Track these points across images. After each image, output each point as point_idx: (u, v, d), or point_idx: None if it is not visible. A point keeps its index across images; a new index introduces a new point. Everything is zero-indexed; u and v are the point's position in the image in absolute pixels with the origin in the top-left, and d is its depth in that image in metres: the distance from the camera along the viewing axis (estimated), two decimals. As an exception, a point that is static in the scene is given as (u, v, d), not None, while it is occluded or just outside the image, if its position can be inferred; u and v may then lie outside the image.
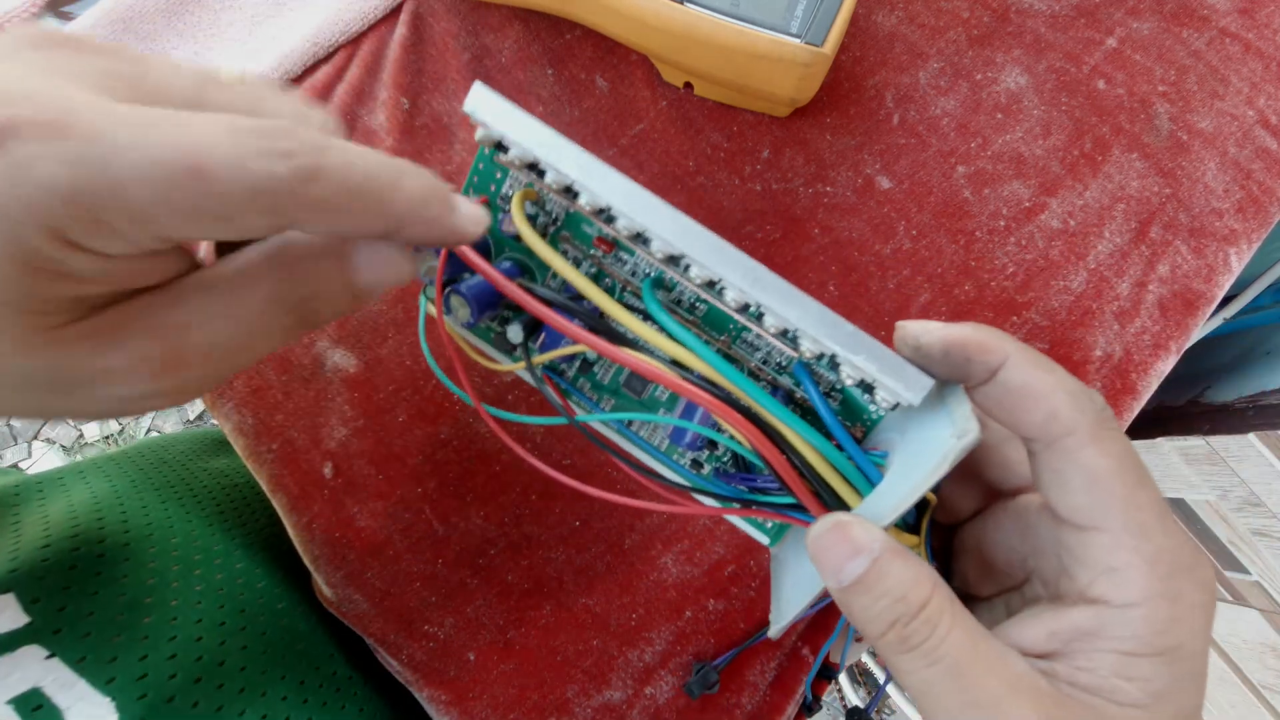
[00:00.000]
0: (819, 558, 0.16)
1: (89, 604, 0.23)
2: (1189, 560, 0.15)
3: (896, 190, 0.30)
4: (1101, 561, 0.15)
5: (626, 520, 0.27)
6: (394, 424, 0.27)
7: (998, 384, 0.16)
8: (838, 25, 0.26)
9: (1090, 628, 0.15)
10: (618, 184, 0.18)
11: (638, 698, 0.26)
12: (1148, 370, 0.29)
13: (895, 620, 0.15)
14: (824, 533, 0.16)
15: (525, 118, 0.18)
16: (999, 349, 0.16)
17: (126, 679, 0.22)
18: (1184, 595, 0.15)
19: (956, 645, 0.14)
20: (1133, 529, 0.15)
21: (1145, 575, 0.15)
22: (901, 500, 0.16)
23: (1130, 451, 0.15)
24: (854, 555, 0.15)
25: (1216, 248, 0.30)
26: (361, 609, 0.26)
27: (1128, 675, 0.14)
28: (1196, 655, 0.15)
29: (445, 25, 0.29)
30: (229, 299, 0.16)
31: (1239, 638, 0.62)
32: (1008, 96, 0.31)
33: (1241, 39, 0.32)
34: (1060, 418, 0.15)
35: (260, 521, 0.33)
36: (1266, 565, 0.55)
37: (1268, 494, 0.52)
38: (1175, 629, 0.15)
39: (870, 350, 0.17)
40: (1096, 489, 0.15)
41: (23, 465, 1.16)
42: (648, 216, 0.18)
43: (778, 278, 0.17)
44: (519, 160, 0.19)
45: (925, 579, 0.15)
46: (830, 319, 0.17)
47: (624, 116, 0.29)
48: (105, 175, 0.12)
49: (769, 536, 0.22)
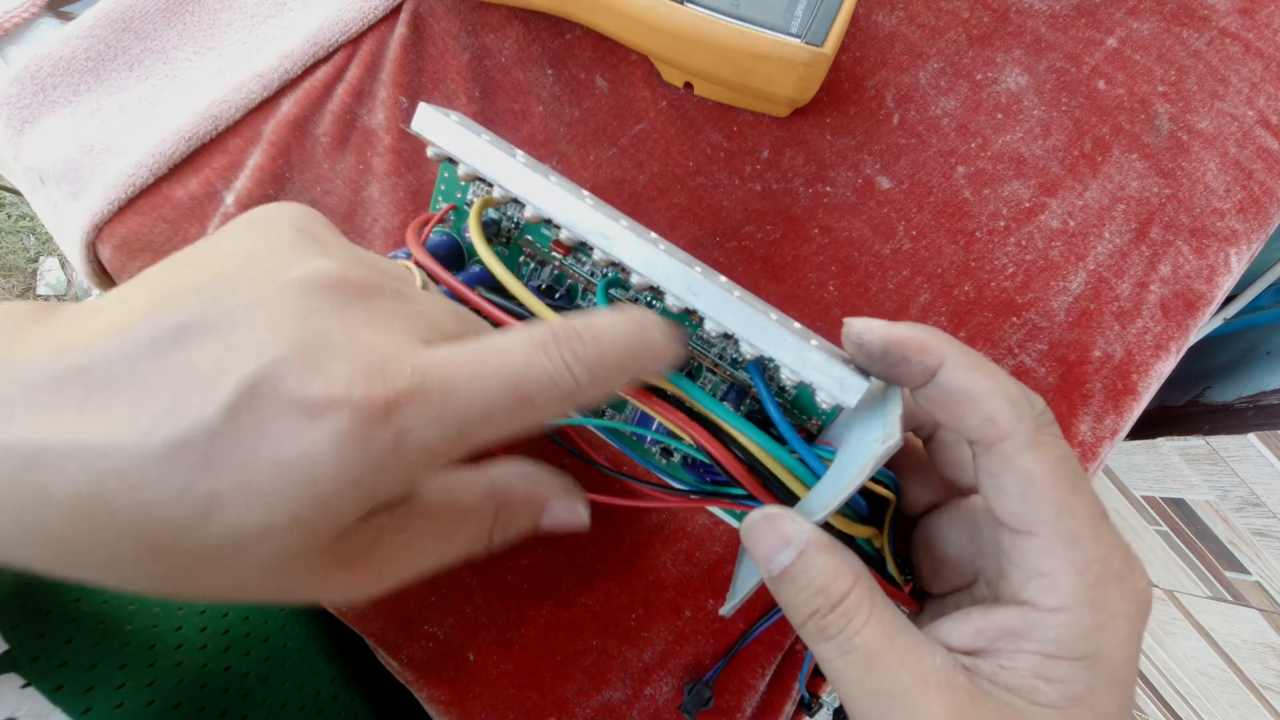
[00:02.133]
0: (752, 548, 0.17)
1: (67, 631, 0.23)
2: (1119, 568, 0.15)
3: (896, 190, 0.30)
4: (1032, 565, 0.15)
5: (626, 520, 0.27)
6: (394, 424, 0.27)
7: (936, 386, 0.16)
8: (838, 25, 0.26)
9: (1016, 628, 0.15)
10: (555, 195, 0.18)
11: (637, 697, 0.26)
12: (1148, 371, 0.29)
13: (815, 611, 0.15)
14: (756, 524, 0.17)
15: (467, 135, 0.19)
16: (937, 350, 0.16)
17: (103, 708, 0.22)
18: (1109, 604, 0.15)
19: (870, 637, 0.15)
20: (1064, 535, 0.15)
21: (1072, 582, 0.15)
22: (833, 499, 0.16)
23: (1068, 458, 0.16)
24: (783, 547, 0.16)
25: (1217, 248, 0.30)
26: (361, 609, 0.26)
27: (1046, 677, 0.15)
28: (1119, 663, 0.15)
29: (445, 25, 0.29)
30: (447, 530, 0.17)
31: (1239, 638, 0.62)
32: (1008, 96, 0.31)
33: (1241, 39, 0.32)
34: (997, 422, 0.16)
35: None
36: (1266, 565, 0.55)
37: (1268, 494, 0.52)
38: (1097, 636, 0.15)
39: (805, 355, 0.17)
40: (1030, 494, 0.15)
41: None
42: (584, 227, 0.18)
43: (716, 283, 0.18)
44: (467, 174, 0.20)
45: (847, 573, 0.16)
46: (766, 324, 0.18)
47: (624, 116, 0.29)
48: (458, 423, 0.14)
49: (739, 522, 0.22)
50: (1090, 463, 0.28)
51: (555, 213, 0.19)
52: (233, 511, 0.13)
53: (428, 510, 0.17)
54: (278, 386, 0.13)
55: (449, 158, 0.20)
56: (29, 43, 0.30)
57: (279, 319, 0.14)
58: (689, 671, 0.27)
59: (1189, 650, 0.69)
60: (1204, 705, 0.71)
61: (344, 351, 0.13)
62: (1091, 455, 0.28)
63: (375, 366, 0.13)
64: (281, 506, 0.13)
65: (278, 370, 0.13)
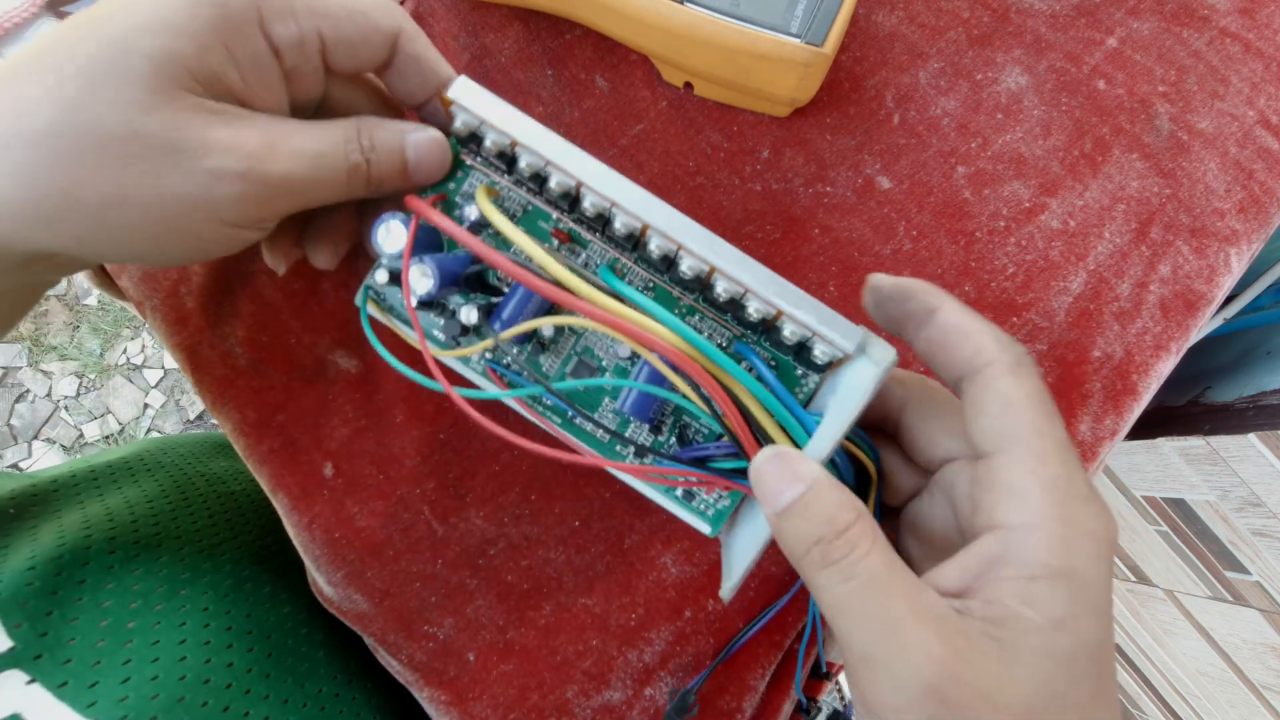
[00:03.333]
0: (760, 484, 0.17)
1: (70, 630, 0.23)
2: (1084, 491, 0.16)
3: (896, 190, 0.30)
4: (1004, 484, 0.16)
5: (626, 520, 0.27)
6: (394, 424, 0.27)
7: (934, 323, 0.18)
8: (838, 25, 0.26)
9: (993, 553, 0.16)
10: (588, 161, 0.20)
11: (637, 698, 0.26)
12: (1149, 371, 0.29)
13: (820, 538, 0.16)
14: (767, 460, 0.18)
15: (506, 105, 0.21)
16: (936, 293, 0.18)
17: (108, 703, 0.22)
18: (1077, 519, 0.15)
19: (872, 566, 0.15)
20: (1034, 453, 0.16)
21: (1040, 497, 0.16)
22: (838, 429, 0.18)
23: (1044, 393, 0.17)
24: (792, 482, 0.17)
25: (1217, 248, 0.30)
26: (362, 609, 0.26)
27: (1028, 601, 0.15)
28: (1094, 584, 0.15)
29: (445, 25, 0.29)
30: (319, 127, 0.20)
31: (1239, 638, 0.62)
32: (1008, 96, 0.31)
33: (1242, 39, 0.32)
34: (984, 351, 0.17)
35: (252, 533, 0.33)
36: (1266, 565, 0.55)
37: (1268, 494, 0.52)
38: (1070, 551, 0.15)
39: (812, 308, 0.20)
40: (1007, 413, 0.16)
41: (23, 465, 1.16)
42: (616, 191, 0.20)
43: (731, 246, 0.20)
44: (494, 147, 0.21)
45: (852, 506, 0.16)
46: (777, 281, 0.20)
47: (624, 116, 0.29)
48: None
49: (710, 525, 0.23)
50: (1090, 463, 0.28)
51: (587, 176, 0.20)
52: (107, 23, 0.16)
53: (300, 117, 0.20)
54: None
55: (473, 133, 0.21)
56: (29, 43, 0.30)
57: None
58: (690, 672, 0.27)
59: (1189, 650, 0.69)
60: (1204, 705, 0.71)
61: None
62: (1091, 455, 0.28)
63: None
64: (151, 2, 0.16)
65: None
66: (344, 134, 0.20)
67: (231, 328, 0.27)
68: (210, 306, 0.27)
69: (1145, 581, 0.72)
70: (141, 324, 1.26)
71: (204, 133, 0.17)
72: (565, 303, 0.19)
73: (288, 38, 0.19)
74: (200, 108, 0.17)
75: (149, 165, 0.17)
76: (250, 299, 0.27)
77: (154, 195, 0.17)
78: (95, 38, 0.16)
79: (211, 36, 0.17)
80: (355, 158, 0.20)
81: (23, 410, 1.19)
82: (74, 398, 1.21)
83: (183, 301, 0.27)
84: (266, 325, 0.27)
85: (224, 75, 0.18)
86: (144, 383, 1.23)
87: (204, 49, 0.17)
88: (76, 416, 1.20)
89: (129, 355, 1.24)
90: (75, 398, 1.21)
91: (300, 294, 0.27)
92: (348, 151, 0.20)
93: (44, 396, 1.20)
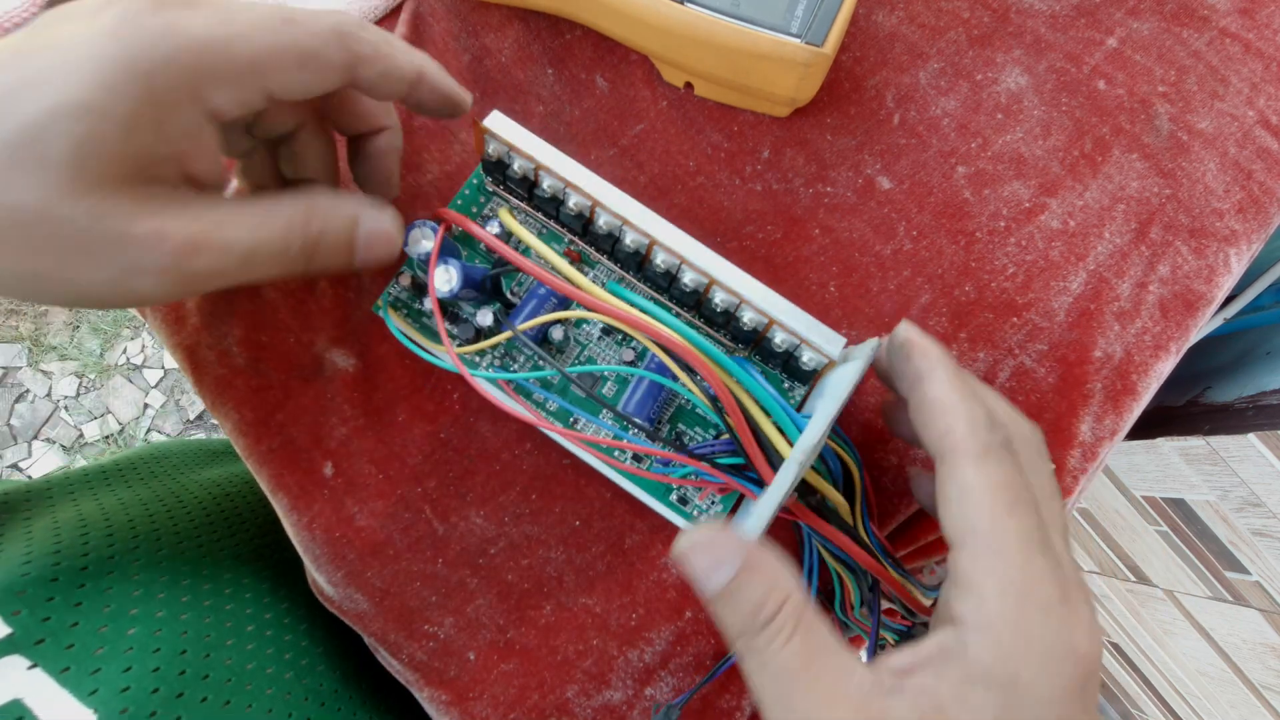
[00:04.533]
0: (690, 565, 0.17)
1: (72, 616, 0.23)
2: (1047, 599, 0.15)
3: (897, 190, 0.30)
4: (963, 579, 0.16)
5: (627, 520, 0.27)
6: (394, 423, 0.27)
7: (919, 391, 0.18)
8: (838, 25, 0.26)
9: (947, 647, 0.15)
10: (602, 184, 0.23)
11: (638, 698, 0.26)
12: (1148, 371, 0.29)
13: (744, 632, 0.16)
14: (694, 542, 0.17)
15: (534, 136, 0.23)
16: (931, 359, 0.18)
17: (109, 691, 0.22)
18: (1031, 630, 0.15)
19: (789, 657, 0.15)
20: (992, 549, 0.15)
21: (995, 599, 0.15)
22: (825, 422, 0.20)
23: (1015, 483, 0.16)
24: (719, 566, 0.16)
25: (1217, 248, 0.30)
26: (362, 608, 0.26)
27: (961, 702, 0.14)
28: (1039, 701, 0.14)
29: (445, 25, 0.29)
30: (257, 213, 0.19)
31: (1239, 638, 0.62)
32: (1008, 97, 0.31)
33: (1242, 39, 0.32)
34: (953, 434, 0.16)
35: (250, 532, 0.33)
36: (1266, 565, 0.55)
37: (1268, 494, 0.52)
38: (1015, 662, 0.15)
39: (800, 319, 0.22)
40: (967, 506, 0.16)
41: (22, 465, 1.16)
42: (627, 209, 0.23)
43: (727, 261, 0.22)
44: (520, 171, 0.23)
45: (778, 595, 0.16)
46: (771, 295, 0.22)
47: (624, 116, 0.29)
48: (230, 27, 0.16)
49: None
50: (1090, 463, 0.28)
51: (603, 196, 0.23)
52: (24, 101, 0.15)
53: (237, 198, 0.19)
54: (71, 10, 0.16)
55: (500, 160, 0.23)
56: None
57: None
58: (690, 672, 0.27)
59: (1189, 650, 0.69)
60: (1204, 705, 0.71)
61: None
62: (1091, 455, 0.28)
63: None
64: (66, 83, 0.15)
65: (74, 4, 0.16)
66: (288, 222, 0.19)
67: (229, 327, 0.27)
68: (208, 306, 0.27)
69: (1145, 581, 0.72)
70: (141, 324, 1.26)
71: (126, 225, 0.16)
72: (582, 299, 0.21)
73: (229, 106, 0.17)
74: (124, 194, 0.16)
75: (66, 253, 0.16)
76: (248, 298, 0.27)
77: (70, 279, 0.16)
78: (11, 117, 0.15)
79: (139, 117, 0.16)
80: (294, 251, 0.19)
81: (23, 410, 1.19)
82: (74, 398, 1.21)
83: (181, 301, 0.27)
84: (264, 324, 0.27)
85: (154, 151, 0.16)
86: (144, 383, 1.23)
87: (130, 131, 0.16)
88: (76, 416, 1.20)
89: (129, 355, 1.24)
90: (75, 398, 1.21)
91: (297, 293, 0.27)
92: (288, 243, 0.19)
93: (44, 396, 1.20)
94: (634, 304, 0.21)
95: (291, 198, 0.20)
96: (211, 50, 0.16)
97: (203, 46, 0.16)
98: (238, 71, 0.17)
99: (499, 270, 0.24)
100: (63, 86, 0.15)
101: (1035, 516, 0.16)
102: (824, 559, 0.25)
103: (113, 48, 0.15)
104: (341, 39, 0.18)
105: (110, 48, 0.15)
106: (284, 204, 0.19)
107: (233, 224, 0.18)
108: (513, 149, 0.23)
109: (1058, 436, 0.28)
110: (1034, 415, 0.28)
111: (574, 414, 0.25)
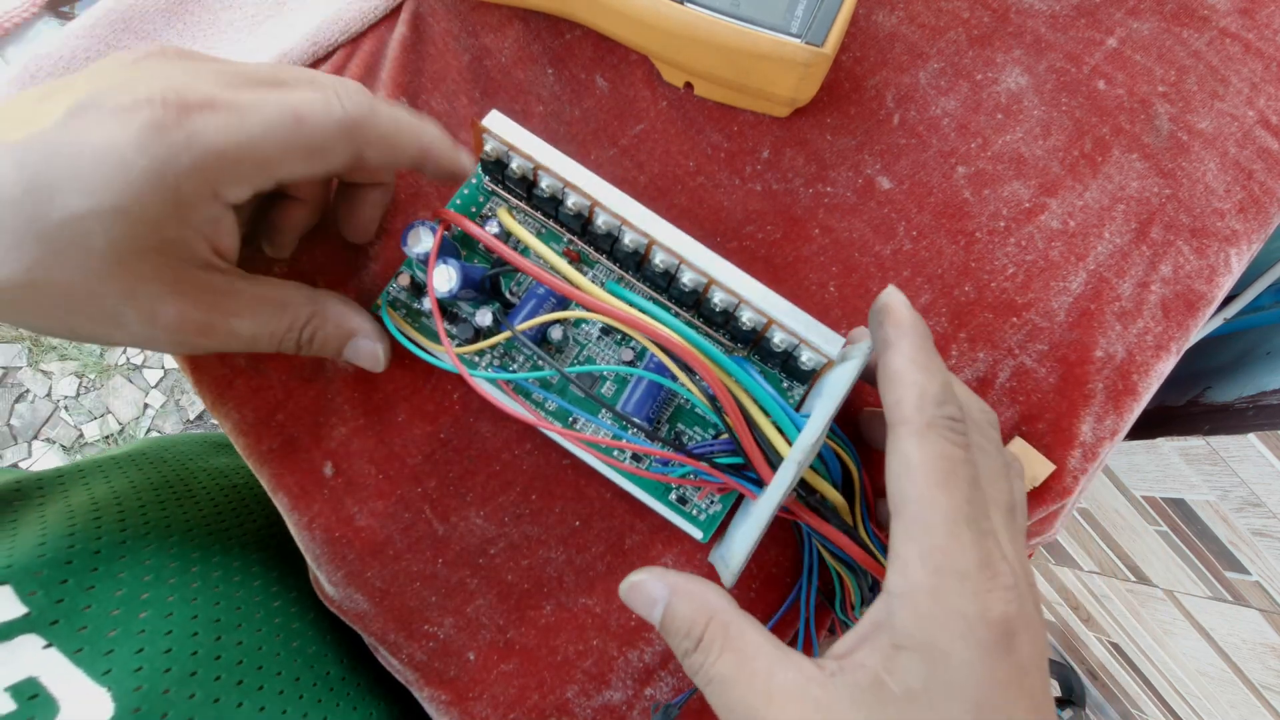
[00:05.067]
0: (634, 608, 0.19)
1: (85, 598, 0.24)
2: (966, 568, 0.16)
3: (897, 190, 0.30)
4: (893, 549, 0.17)
5: (627, 520, 0.27)
6: (394, 423, 0.27)
7: (882, 360, 0.19)
8: (838, 25, 0.26)
9: (876, 619, 0.16)
10: (601, 184, 0.23)
11: (638, 698, 0.26)
12: (1149, 371, 0.29)
13: (685, 652, 0.18)
14: (630, 588, 0.19)
15: (533, 135, 0.23)
16: (901, 328, 0.18)
17: (123, 671, 0.22)
18: (947, 596, 0.15)
19: (724, 667, 0.17)
20: (919, 520, 0.16)
21: (917, 567, 0.16)
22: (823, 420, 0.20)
23: (952, 458, 0.17)
24: (652, 605, 0.19)
25: (1218, 248, 0.30)
26: (362, 608, 0.26)
27: (890, 669, 0.15)
28: (959, 665, 0.15)
29: (445, 25, 0.29)
30: (267, 308, 0.21)
31: (1239, 638, 0.62)
32: (1008, 97, 0.31)
33: (1242, 39, 0.32)
34: (902, 406, 0.17)
35: (258, 522, 0.33)
36: (1266, 565, 0.55)
37: (1268, 494, 0.52)
38: (932, 627, 0.15)
39: (799, 319, 0.22)
40: (903, 477, 0.17)
41: (22, 465, 1.16)
42: (627, 209, 0.23)
43: (727, 262, 0.22)
44: (518, 171, 0.23)
45: (703, 614, 0.18)
46: (770, 295, 0.22)
47: (624, 116, 0.29)
48: (244, 133, 0.18)
49: (702, 530, 0.25)
50: (1091, 463, 0.28)
51: (602, 196, 0.23)
52: (66, 197, 0.17)
53: (256, 287, 0.21)
54: (101, 102, 0.17)
55: (499, 159, 0.23)
56: (29, 43, 0.30)
57: (110, 69, 0.19)
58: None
59: (1189, 650, 0.69)
60: (1204, 705, 0.71)
61: (156, 80, 0.18)
62: (1091, 455, 0.28)
63: (176, 89, 0.18)
64: (103, 189, 0.17)
65: (103, 93, 0.17)
66: (291, 322, 0.22)
67: (231, 327, 0.27)
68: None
69: (1145, 581, 0.72)
70: (141, 324, 1.25)
71: (151, 305, 0.19)
72: (581, 299, 0.21)
73: (244, 195, 0.19)
74: (152, 277, 0.19)
75: (99, 320, 0.19)
76: (250, 299, 0.27)
77: (98, 335, 0.19)
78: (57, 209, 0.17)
79: (166, 216, 0.18)
80: (289, 345, 0.22)
81: (23, 410, 1.19)
82: (74, 398, 1.21)
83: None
84: (266, 325, 0.27)
85: (179, 238, 0.19)
86: (144, 383, 1.23)
87: (157, 227, 0.18)
88: (76, 416, 1.20)
89: (129, 355, 1.24)
90: (75, 398, 1.21)
91: (300, 294, 0.27)
92: (283, 342, 0.22)
93: (44, 396, 1.20)
94: (633, 304, 0.21)
95: (303, 300, 0.22)
96: (228, 157, 0.18)
97: (220, 154, 0.18)
98: (251, 171, 0.19)
99: (498, 270, 0.24)
100: (101, 193, 0.17)
101: (969, 491, 0.16)
102: (824, 559, 0.25)
103: (143, 162, 0.17)
104: (349, 135, 0.20)
105: (140, 161, 0.17)
106: (292, 305, 0.22)
107: (243, 314, 0.21)
108: (511, 149, 0.23)
109: (1058, 436, 0.28)
110: (1034, 415, 0.28)
111: (573, 414, 0.25)
